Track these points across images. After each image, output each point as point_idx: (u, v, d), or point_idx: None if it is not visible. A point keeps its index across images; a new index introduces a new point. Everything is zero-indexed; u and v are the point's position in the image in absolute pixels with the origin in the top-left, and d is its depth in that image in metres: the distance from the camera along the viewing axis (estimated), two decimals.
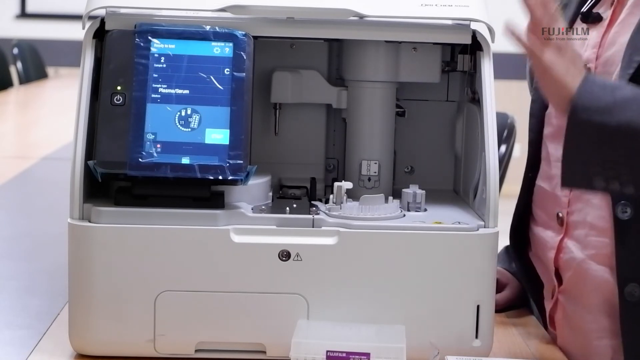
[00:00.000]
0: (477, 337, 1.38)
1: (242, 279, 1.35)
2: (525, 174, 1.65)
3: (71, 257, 1.36)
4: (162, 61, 1.37)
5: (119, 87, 1.35)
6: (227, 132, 1.35)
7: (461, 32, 1.46)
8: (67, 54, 6.57)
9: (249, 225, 1.36)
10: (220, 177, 1.34)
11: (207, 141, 1.35)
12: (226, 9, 1.40)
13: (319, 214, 1.39)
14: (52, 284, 1.72)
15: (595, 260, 1.50)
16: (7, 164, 3.04)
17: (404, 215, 1.43)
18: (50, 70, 6.55)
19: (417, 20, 1.45)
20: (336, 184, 1.43)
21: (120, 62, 1.36)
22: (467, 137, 1.56)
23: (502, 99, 2.23)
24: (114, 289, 1.34)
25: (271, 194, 1.48)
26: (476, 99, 1.49)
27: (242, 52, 1.38)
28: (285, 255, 1.35)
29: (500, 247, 1.51)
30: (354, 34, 1.47)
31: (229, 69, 1.37)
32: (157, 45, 1.37)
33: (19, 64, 5.85)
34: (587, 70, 1.48)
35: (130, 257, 1.34)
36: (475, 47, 1.47)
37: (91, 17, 1.40)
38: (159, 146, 1.34)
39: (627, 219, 1.44)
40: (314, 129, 1.63)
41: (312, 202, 1.49)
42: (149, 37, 1.37)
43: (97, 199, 1.38)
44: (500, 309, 1.62)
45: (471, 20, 1.44)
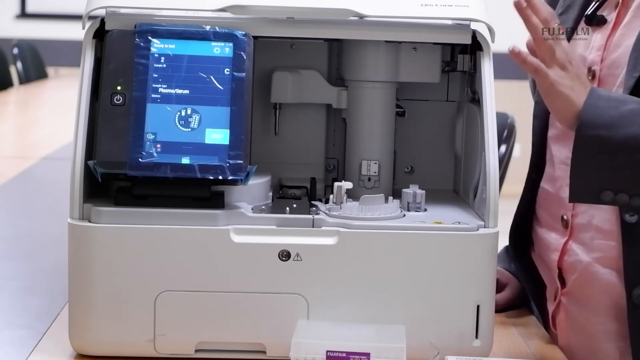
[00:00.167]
0: (477, 337, 1.38)
1: (242, 279, 1.35)
2: (528, 175, 1.65)
3: (71, 257, 1.36)
4: (162, 61, 1.37)
5: (119, 87, 1.35)
6: (227, 132, 1.35)
7: (461, 32, 1.46)
8: (67, 54, 6.57)
9: (249, 225, 1.36)
10: (220, 177, 1.34)
11: (207, 141, 1.35)
12: (226, 9, 1.40)
13: (319, 214, 1.39)
14: (52, 284, 1.72)
15: (601, 263, 1.50)
16: (7, 164, 3.04)
17: (404, 215, 1.43)
18: (50, 70, 6.55)
19: (417, 20, 1.45)
20: (336, 184, 1.43)
21: (120, 62, 1.36)
22: (467, 137, 1.56)
23: (502, 99, 2.23)
24: (114, 289, 1.34)
25: (271, 194, 1.48)
26: (476, 99, 1.49)
27: (242, 52, 1.37)
28: (285, 255, 1.35)
29: (500, 247, 1.51)
30: (354, 34, 1.47)
31: (229, 69, 1.37)
32: (157, 45, 1.37)
33: (19, 64, 5.85)
34: (591, 74, 1.48)
35: (130, 257, 1.34)
36: (475, 47, 1.47)
37: (91, 17, 1.40)
38: (159, 146, 1.34)
39: (634, 222, 1.44)
40: (314, 129, 1.62)
41: (312, 202, 1.49)
42: (149, 37, 1.37)
43: (97, 199, 1.38)
44: (500, 309, 1.61)
45: (471, 20, 1.44)
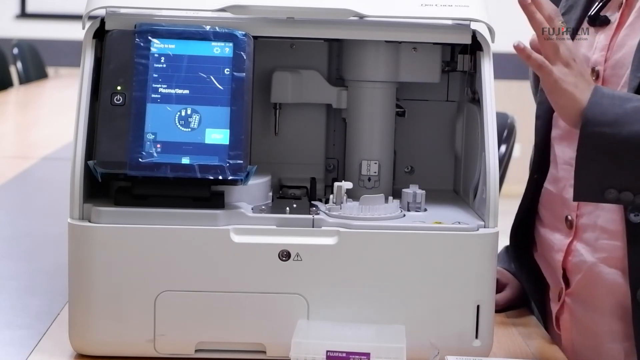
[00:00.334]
0: (477, 337, 1.38)
1: (242, 279, 1.35)
2: (530, 175, 1.65)
3: (71, 257, 1.36)
4: (162, 61, 1.37)
5: (119, 87, 1.35)
6: (227, 132, 1.35)
7: (461, 32, 1.46)
8: (67, 54, 6.57)
9: (249, 225, 1.36)
10: (220, 177, 1.34)
11: (207, 141, 1.35)
12: (226, 9, 1.40)
13: (319, 214, 1.39)
14: (52, 284, 1.72)
15: (606, 263, 1.50)
16: (7, 164, 3.04)
17: (404, 215, 1.43)
18: (50, 70, 6.55)
19: (417, 20, 1.45)
20: (336, 184, 1.43)
21: (120, 62, 1.36)
22: (467, 137, 1.56)
23: (502, 99, 2.23)
24: (114, 289, 1.34)
25: (271, 194, 1.48)
26: (476, 99, 1.49)
27: (242, 52, 1.37)
28: (285, 255, 1.35)
29: (500, 247, 1.51)
30: (354, 34, 1.47)
31: (229, 69, 1.37)
32: (157, 45, 1.37)
33: (19, 64, 5.85)
34: (595, 74, 1.48)
35: (130, 257, 1.34)
36: (475, 47, 1.47)
37: (91, 17, 1.40)
38: (159, 146, 1.34)
39: (639, 222, 1.44)
40: (314, 129, 1.62)
41: (312, 202, 1.49)
42: (149, 37, 1.37)
43: (97, 199, 1.38)
44: (500, 309, 1.62)
45: (471, 20, 1.44)
